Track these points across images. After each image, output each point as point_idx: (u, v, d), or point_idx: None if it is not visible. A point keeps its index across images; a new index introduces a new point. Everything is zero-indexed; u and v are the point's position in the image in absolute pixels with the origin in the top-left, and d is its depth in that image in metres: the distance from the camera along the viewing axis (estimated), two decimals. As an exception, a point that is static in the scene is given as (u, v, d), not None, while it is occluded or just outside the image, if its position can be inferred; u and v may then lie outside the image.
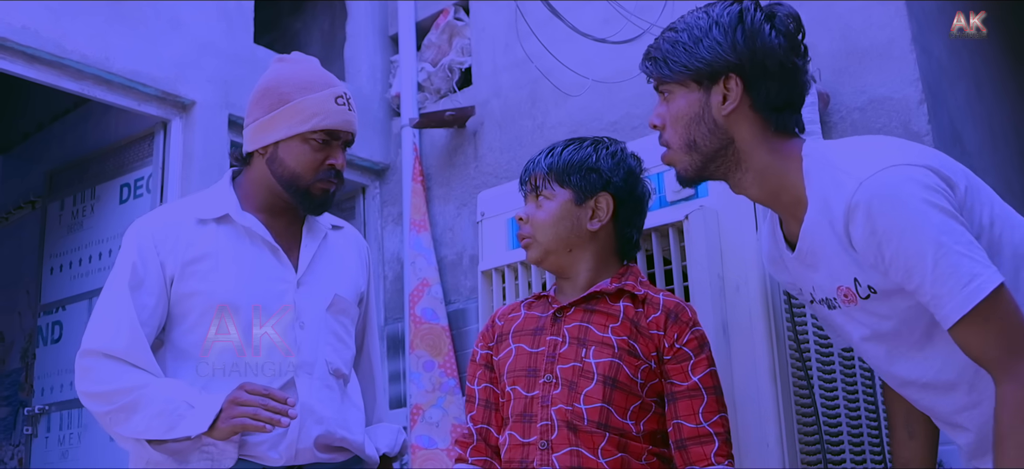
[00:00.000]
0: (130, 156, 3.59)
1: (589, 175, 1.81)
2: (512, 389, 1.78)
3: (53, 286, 3.81)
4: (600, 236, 1.81)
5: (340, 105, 1.92)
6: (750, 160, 1.55)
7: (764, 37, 1.53)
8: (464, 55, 4.10)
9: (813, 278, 1.56)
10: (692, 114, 1.56)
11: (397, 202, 4.15)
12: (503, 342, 1.85)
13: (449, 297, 3.89)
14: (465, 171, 3.95)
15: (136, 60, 3.30)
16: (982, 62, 3.61)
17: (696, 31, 1.55)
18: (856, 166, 1.42)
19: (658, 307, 1.74)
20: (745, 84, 1.53)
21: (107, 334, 1.81)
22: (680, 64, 1.56)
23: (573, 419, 1.68)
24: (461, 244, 3.91)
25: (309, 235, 2.01)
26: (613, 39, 2.62)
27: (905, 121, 2.77)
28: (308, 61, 2.01)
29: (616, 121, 3.46)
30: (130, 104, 3.34)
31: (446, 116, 3.88)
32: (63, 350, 3.68)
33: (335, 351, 1.95)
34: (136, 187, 3.52)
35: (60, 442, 3.58)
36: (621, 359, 1.69)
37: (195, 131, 3.45)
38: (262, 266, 1.92)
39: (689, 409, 1.69)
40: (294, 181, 1.91)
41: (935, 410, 1.55)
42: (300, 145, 1.90)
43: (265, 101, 1.93)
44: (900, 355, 1.51)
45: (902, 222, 1.34)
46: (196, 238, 1.89)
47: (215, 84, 3.53)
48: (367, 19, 4.34)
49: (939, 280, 1.32)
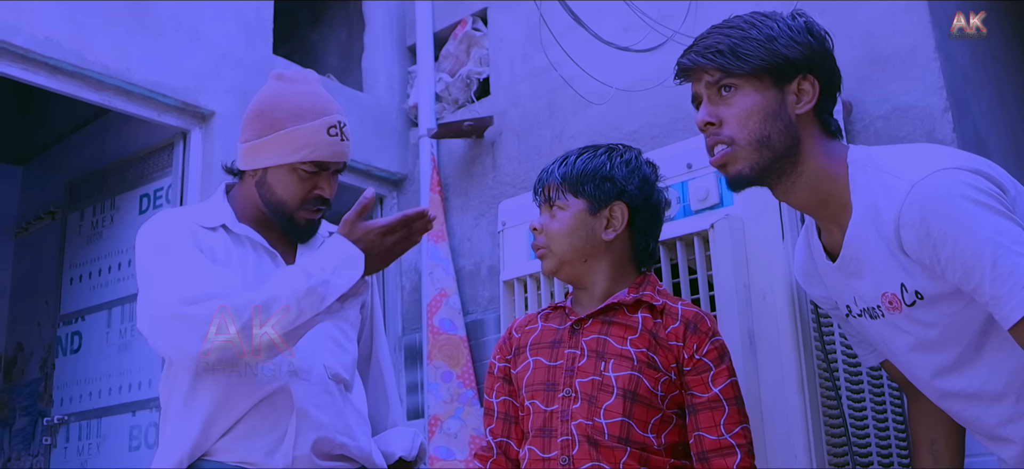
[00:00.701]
0: (150, 167, 3.60)
1: (603, 184, 1.78)
2: (531, 404, 1.75)
3: (73, 297, 3.82)
4: (616, 246, 1.78)
5: (332, 136, 1.89)
6: (807, 162, 1.53)
7: (827, 43, 1.56)
8: (482, 65, 4.10)
9: (856, 287, 1.54)
10: (769, 109, 1.51)
11: (414, 212, 4.14)
12: (521, 355, 1.83)
13: (467, 307, 3.88)
14: (483, 181, 3.94)
15: (157, 71, 3.31)
16: (1005, 70, 3.58)
17: (767, 29, 1.53)
18: (906, 170, 1.41)
19: (677, 318, 1.71)
20: (821, 86, 1.54)
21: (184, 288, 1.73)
22: (757, 57, 1.51)
23: (594, 434, 1.66)
24: (479, 254, 3.90)
25: (304, 244, 1.99)
26: (636, 47, 2.60)
27: (930, 129, 2.75)
28: (305, 82, 1.97)
29: (636, 130, 3.45)
30: (150, 115, 3.35)
31: (464, 126, 3.87)
32: (82, 360, 3.69)
33: (333, 355, 1.93)
34: (156, 197, 3.53)
35: (79, 452, 3.58)
36: (641, 372, 1.67)
37: (214, 142, 3.45)
38: (262, 271, 1.90)
39: (710, 420, 1.66)
40: (280, 208, 1.90)
41: (980, 422, 1.52)
42: (288, 174, 1.87)
43: (258, 123, 1.90)
44: (947, 365, 1.49)
45: (958, 223, 1.33)
46: (204, 239, 1.88)
47: (235, 95, 3.54)
48: (385, 30, 4.35)
49: (998, 280, 1.31)
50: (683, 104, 3.36)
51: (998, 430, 1.49)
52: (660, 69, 3.27)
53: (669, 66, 3.16)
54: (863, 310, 1.56)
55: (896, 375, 1.71)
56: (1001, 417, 1.48)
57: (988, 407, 1.48)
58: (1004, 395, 1.45)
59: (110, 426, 3.47)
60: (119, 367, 3.51)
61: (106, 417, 3.50)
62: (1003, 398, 1.46)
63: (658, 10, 2.83)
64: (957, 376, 1.49)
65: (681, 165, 2.11)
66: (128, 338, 3.49)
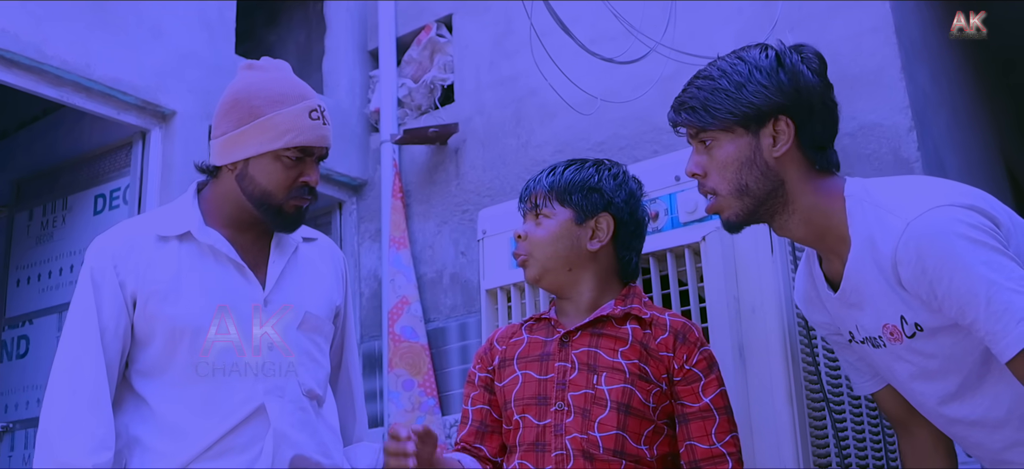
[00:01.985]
0: (106, 166, 3.50)
1: (590, 194, 1.79)
2: (522, 418, 1.74)
3: (19, 299, 3.68)
4: (600, 257, 1.79)
5: (314, 120, 1.82)
6: (797, 201, 1.55)
7: (804, 76, 1.54)
8: (446, 72, 4.08)
9: (858, 317, 1.56)
10: (743, 158, 1.54)
11: (375, 218, 4.10)
12: (507, 367, 1.81)
13: (428, 315, 3.85)
14: (446, 189, 3.92)
15: (117, 68, 3.22)
16: (958, 91, 3.71)
17: (735, 76, 1.54)
18: (902, 207, 1.43)
19: (666, 328, 1.73)
20: (796, 125, 1.53)
21: (54, 431, 1.74)
22: (725, 110, 1.54)
23: (588, 447, 1.66)
24: (441, 262, 3.88)
25: (277, 251, 1.91)
26: (605, 57, 2.62)
27: (895, 147, 2.82)
28: (279, 69, 1.89)
29: (603, 141, 3.47)
30: (110, 112, 3.25)
31: (430, 132, 3.85)
32: (29, 365, 3.56)
33: (308, 371, 1.86)
34: (112, 198, 3.43)
35: (25, 461, 3.45)
36: (633, 384, 1.68)
37: (175, 142, 3.37)
38: (227, 286, 1.82)
39: (702, 430, 1.68)
40: (266, 199, 1.82)
41: (983, 446, 1.56)
42: (272, 162, 1.80)
43: (234, 114, 1.82)
44: (950, 393, 1.52)
45: (952, 261, 1.36)
46: (156, 258, 1.81)
47: (196, 94, 3.46)
48: (347, 33, 4.30)
49: (993, 317, 1.34)
50: (651, 117, 3.39)
51: (1003, 454, 1.54)
52: (628, 81, 3.30)
53: (640, 77, 3.20)
54: (865, 339, 1.58)
55: (891, 409, 1.73)
56: (1005, 442, 1.52)
57: (992, 433, 1.52)
58: (1007, 422, 1.49)
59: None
60: (70, 373, 3.39)
61: (55, 424, 3.37)
62: (1006, 424, 1.50)
63: (632, 19, 2.86)
64: (959, 404, 1.53)
65: (669, 177, 2.13)
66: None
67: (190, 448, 1.74)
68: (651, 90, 3.13)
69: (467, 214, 3.84)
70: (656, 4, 2.99)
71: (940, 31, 3.61)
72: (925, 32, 3.34)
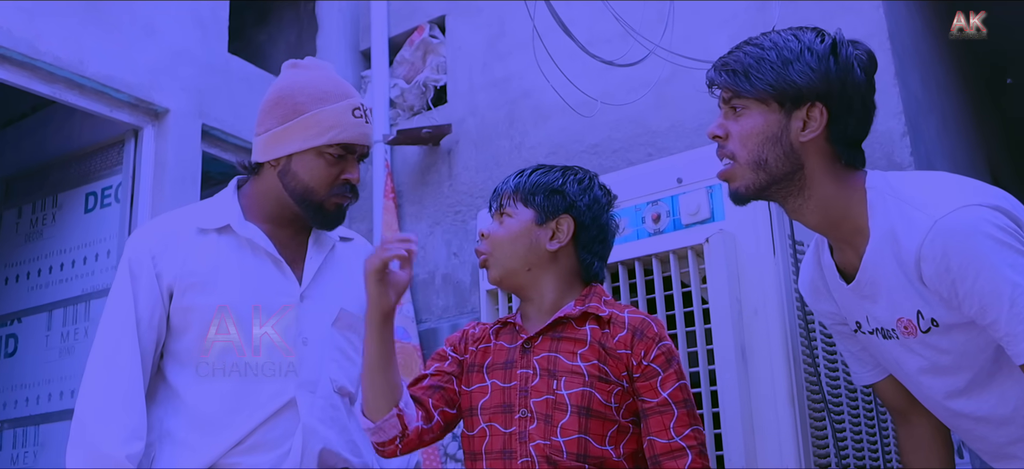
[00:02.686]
0: (97, 164, 3.47)
1: (552, 196, 1.79)
2: (489, 426, 1.74)
3: (8, 297, 3.64)
4: (560, 258, 1.79)
5: (358, 117, 1.86)
6: (815, 189, 1.55)
7: (854, 72, 1.53)
8: (439, 73, 4.08)
9: (869, 308, 1.57)
10: (768, 134, 1.54)
11: (366, 218, 4.09)
12: (476, 374, 1.80)
13: (420, 316, 3.85)
14: (438, 190, 3.92)
15: (110, 65, 3.20)
16: (947, 98, 3.75)
17: (785, 52, 1.53)
18: (929, 203, 1.44)
19: (624, 326, 1.71)
20: (830, 115, 1.53)
21: (91, 420, 1.78)
22: (765, 81, 1.53)
23: (552, 454, 1.65)
24: (433, 263, 3.88)
25: (315, 247, 1.94)
26: (619, 62, 2.63)
27: (889, 152, 2.85)
28: (323, 68, 1.94)
29: (597, 144, 3.48)
30: (102, 110, 3.23)
31: (423, 133, 3.85)
32: (18, 364, 3.53)
33: (340, 368, 1.89)
34: (103, 196, 3.40)
35: (13, 461, 3.42)
36: (592, 386, 1.67)
37: (168, 140, 3.36)
38: (264, 279, 1.85)
39: (660, 425, 1.66)
40: (308, 196, 1.85)
41: (987, 440, 1.58)
42: (315, 159, 1.84)
43: (279, 110, 1.85)
44: (959, 389, 1.54)
45: (978, 261, 1.38)
46: (195, 250, 1.84)
47: (189, 92, 3.44)
48: (339, 33, 4.29)
49: (1015, 319, 1.36)
50: (645, 120, 3.41)
51: (1005, 449, 1.56)
52: (623, 84, 3.32)
53: (635, 81, 3.21)
54: (875, 329, 1.59)
55: (891, 399, 1.75)
56: (1009, 438, 1.54)
57: (996, 429, 1.55)
58: (1012, 419, 1.52)
59: (49, 434, 3.32)
60: (60, 372, 3.36)
61: (44, 424, 3.35)
62: (1011, 422, 1.52)
63: (629, 21, 2.87)
64: (967, 399, 1.54)
65: (671, 179, 2.14)
66: (71, 342, 3.35)
67: (221, 443, 1.76)
68: (647, 94, 3.14)
69: (460, 215, 3.84)
70: (653, 6, 3.01)
71: (930, 37, 3.65)
72: (916, 38, 3.38)
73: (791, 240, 2.03)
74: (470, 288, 3.75)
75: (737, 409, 1.90)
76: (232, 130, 3.64)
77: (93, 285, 3.35)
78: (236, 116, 3.66)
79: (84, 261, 3.40)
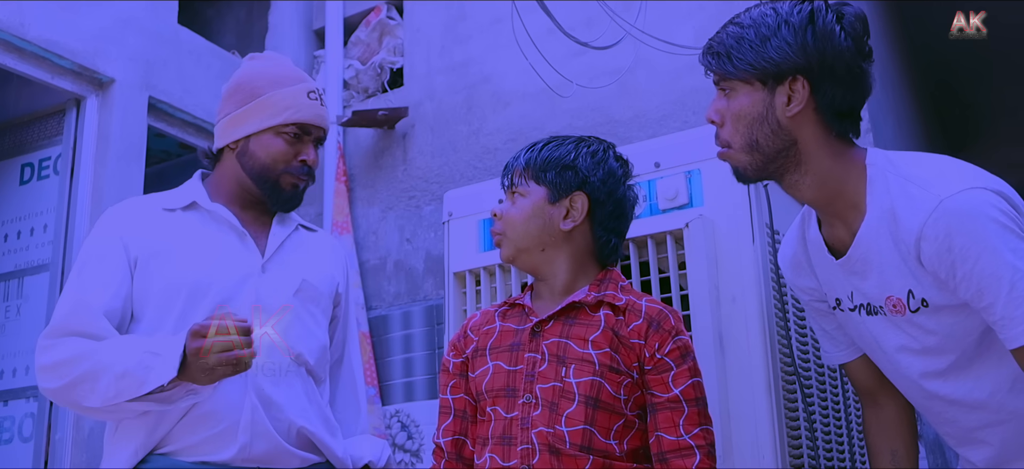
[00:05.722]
0: (35, 133, 3.30)
1: (564, 172, 1.73)
2: (492, 410, 1.69)
3: (-66, 271, 3.44)
4: (575, 237, 1.73)
5: (312, 100, 1.95)
6: (811, 163, 1.54)
7: (835, 39, 1.50)
8: (396, 55, 4.00)
9: (858, 284, 1.56)
10: (755, 114, 1.53)
11: (316, 201, 3.98)
12: (480, 357, 1.75)
13: (370, 303, 3.76)
14: (392, 174, 3.83)
15: (53, 29, 3.04)
16: (900, 100, 3.80)
17: (763, 28, 1.52)
18: (933, 183, 1.43)
19: (640, 315, 1.67)
20: (812, 87, 1.51)
21: (61, 313, 1.79)
22: (745, 62, 1.52)
23: (555, 442, 1.60)
24: (385, 248, 3.79)
25: (279, 224, 2.00)
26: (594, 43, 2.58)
27: (852, 149, 2.87)
28: (280, 58, 2.05)
29: (557, 131, 3.43)
30: (43, 76, 3.08)
31: (379, 116, 3.76)
32: (-55, 340, 3.33)
33: (299, 338, 1.89)
34: (41, 167, 3.24)
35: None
36: (603, 377, 1.62)
37: (113, 111, 3.21)
38: (225, 249, 1.89)
39: (669, 421, 1.62)
40: (265, 173, 1.92)
41: (957, 423, 1.58)
42: (272, 138, 1.92)
43: (237, 96, 1.95)
44: (938, 370, 1.54)
45: (980, 244, 1.38)
46: (160, 226, 1.89)
47: (136, 63, 3.30)
48: (291, 12, 4.17)
49: (1013, 303, 1.36)
50: (606, 107, 3.38)
51: (975, 433, 1.56)
52: (587, 71, 3.28)
53: (597, 69, 3.18)
54: (859, 305, 1.58)
55: (860, 379, 1.75)
56: (980, 422, 1.54)
57: (969, 413, 1.55)
58: (985, 405, 1.52)
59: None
60: (-9, 350, 3.19)
61: (-25, 402, 3.17)
62: (984, 407, 1.53)
63: (603, 9, 2.83)
64: (943, 381, 1.54)
65: (649, 163, 2.11)
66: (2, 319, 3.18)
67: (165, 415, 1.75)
68: (611, 82, 3.11)
69: (413, 200, 3.76)
70: (621, -6, 2.98)
71: (883, 41, 3.69)
72: (875, 40, 3.41)
73: (769, 228, 2.01)
74: (423, 275, 3.67)
75: (714, 396, 1.86)
76: (180, 104, 3.50)
77: (27, 261, 3.19)
78: (184, 90, 3.53)
79: (18, 235, 3.23)
